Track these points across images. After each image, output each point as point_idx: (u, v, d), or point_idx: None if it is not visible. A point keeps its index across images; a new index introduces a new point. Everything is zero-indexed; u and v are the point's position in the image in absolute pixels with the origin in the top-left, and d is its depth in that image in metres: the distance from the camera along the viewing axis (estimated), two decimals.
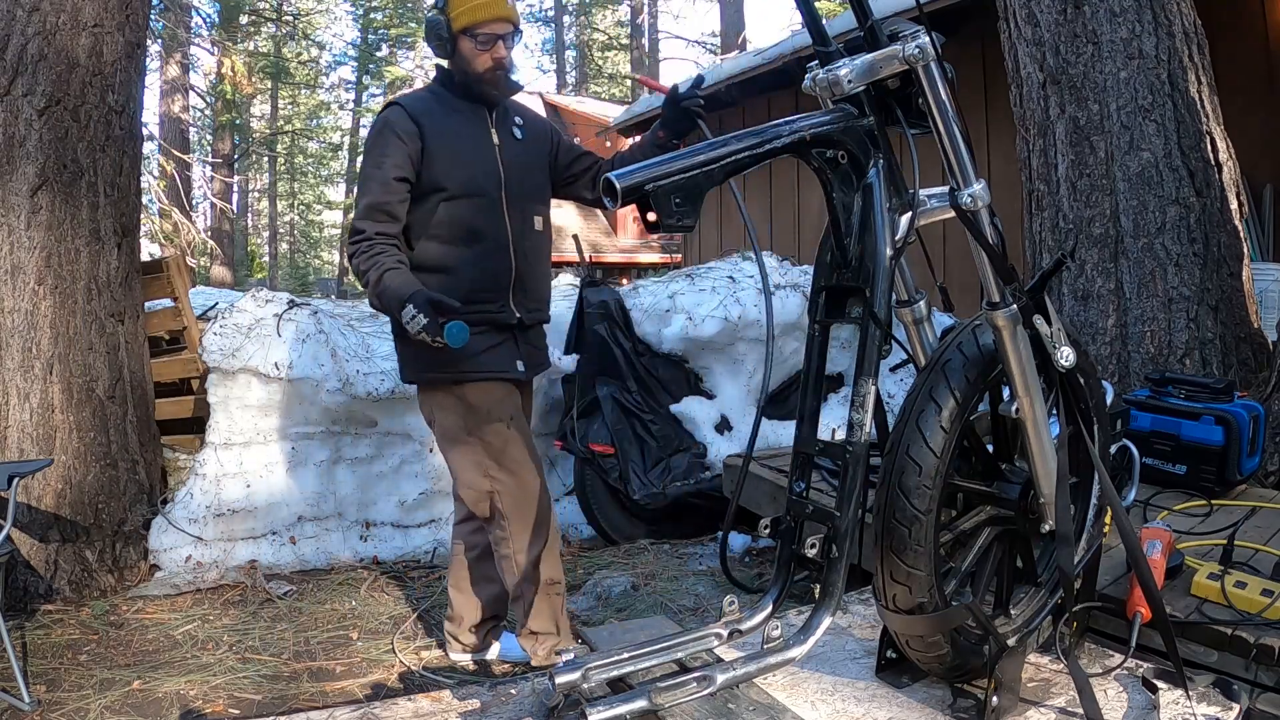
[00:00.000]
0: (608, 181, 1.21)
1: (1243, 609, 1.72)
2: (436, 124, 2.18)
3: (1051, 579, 1.66)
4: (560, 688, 1.33)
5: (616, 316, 4.11)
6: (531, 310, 2.29)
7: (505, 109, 2.31)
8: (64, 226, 3.06)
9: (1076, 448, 1.66)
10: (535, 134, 2.37)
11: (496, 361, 2.22)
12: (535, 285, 2.30)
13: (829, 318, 1.50)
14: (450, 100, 2.24)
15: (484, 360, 2.20)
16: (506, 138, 2.28)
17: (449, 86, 2.26)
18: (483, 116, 2.25)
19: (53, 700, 2.30)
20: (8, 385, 2.99)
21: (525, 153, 2.31)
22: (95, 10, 3.11)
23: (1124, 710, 1.51)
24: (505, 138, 2.27)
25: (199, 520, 3.32)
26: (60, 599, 2.97)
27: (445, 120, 2.20)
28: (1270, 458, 2.85)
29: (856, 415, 1.39)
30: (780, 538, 1.50)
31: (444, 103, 2.24)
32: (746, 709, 1.39)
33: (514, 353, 2.26)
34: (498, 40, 2.17)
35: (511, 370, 2.25)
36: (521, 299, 2.25)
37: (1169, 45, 3.38)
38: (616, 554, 3.51)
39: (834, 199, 1.45)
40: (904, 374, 4.30)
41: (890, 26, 1.41)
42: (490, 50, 2.17)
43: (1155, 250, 3.33)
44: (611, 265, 17.91)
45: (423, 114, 2.18)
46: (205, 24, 17.22)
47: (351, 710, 1.51)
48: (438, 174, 2.16)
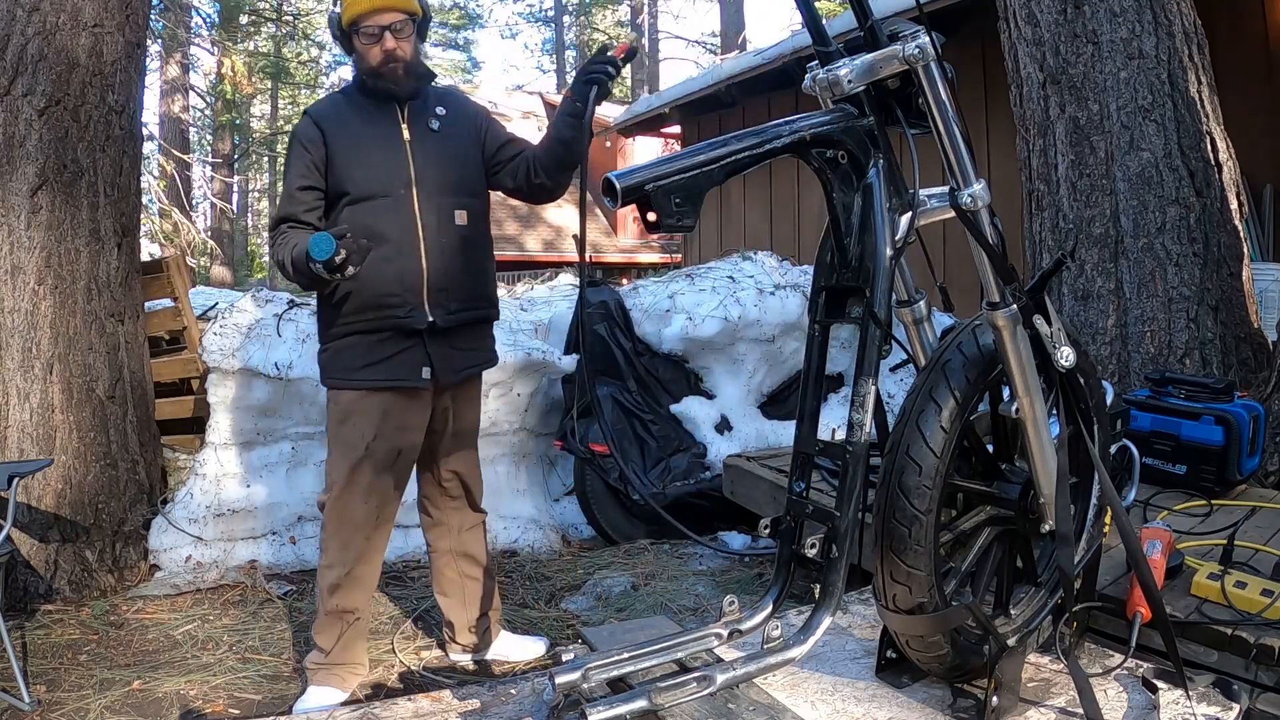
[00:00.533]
0: (608, 181, 1.21)
1: (1243, 609, 1.72)
2: (340, 127, 2.13)
3: (1051, 579, 1.66)
4: (560, 688, 1.33)
5: (616, 316, 4.11)
6: (456, 311, 2.18)
7: (424, 101, 2.21)
8: (64, 226, 3.06)
9: (1076, 448, 1.66)
10: (458, 123, 2.25)
11: (381, 373, 2.14)
12: (460, 284, 2.18)
13: (829, 318, 1.50)
14: (359, 99, 2.19)
15: (363, 373, 2.14)
16: (420, 131, 2.18)
17: (358, 85, 2.20)
18: (392, 112, 2.16)
19: (53, 700, 2.30)
20: (8, 385, 2.99)
21: (444, 145, 2.20)
22: (95, 10, 3.11)
23: (1124, 710, 1.51)
24: (419, 131, 2.17)
25: (199, 520, 3.32)
26: (60, 599, 2.97)
27: (350, 122, 2.15)
28: (1270, 458, 2.85)
29: (856, 415, 1.39)
30: (780, 538, 1.50)
31: (353, 103, 2.19)
32: (746, 709, 1.39)
33: (418, 359, 2.16)
34: (384, 31, 2.09)
35: (412, 379, 2.16)
36: (440, 299, 2.15)
37: (1169, 45, 3.38)
38: (616, 554, 3.50)
39: (834, 199, 1.45)
40: (904, 374, 4.30)
41: (890, 26, 1.41)
42: (379, 43, 2.09)
43: (1155, 250, 3.33)
44: (611, 265, 17.91)
45: (326, 118, 2.15)
46: (205, 24, 17.22)
47: (351, 710, 1.52)
48: (341, 177, 2.12)
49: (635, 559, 3.43)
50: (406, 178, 2.13)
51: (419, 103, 2.20)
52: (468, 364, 2.27)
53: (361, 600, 2.27)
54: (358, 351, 2.14)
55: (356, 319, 2.13)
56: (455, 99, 2.33)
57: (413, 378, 2.15)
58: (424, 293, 2.13)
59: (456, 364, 2.22)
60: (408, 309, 2.12)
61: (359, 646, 2.30)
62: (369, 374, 2.13)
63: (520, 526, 3.67)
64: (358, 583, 2.24)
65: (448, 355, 2.20)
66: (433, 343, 2.17)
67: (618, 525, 3.77)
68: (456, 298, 2.18)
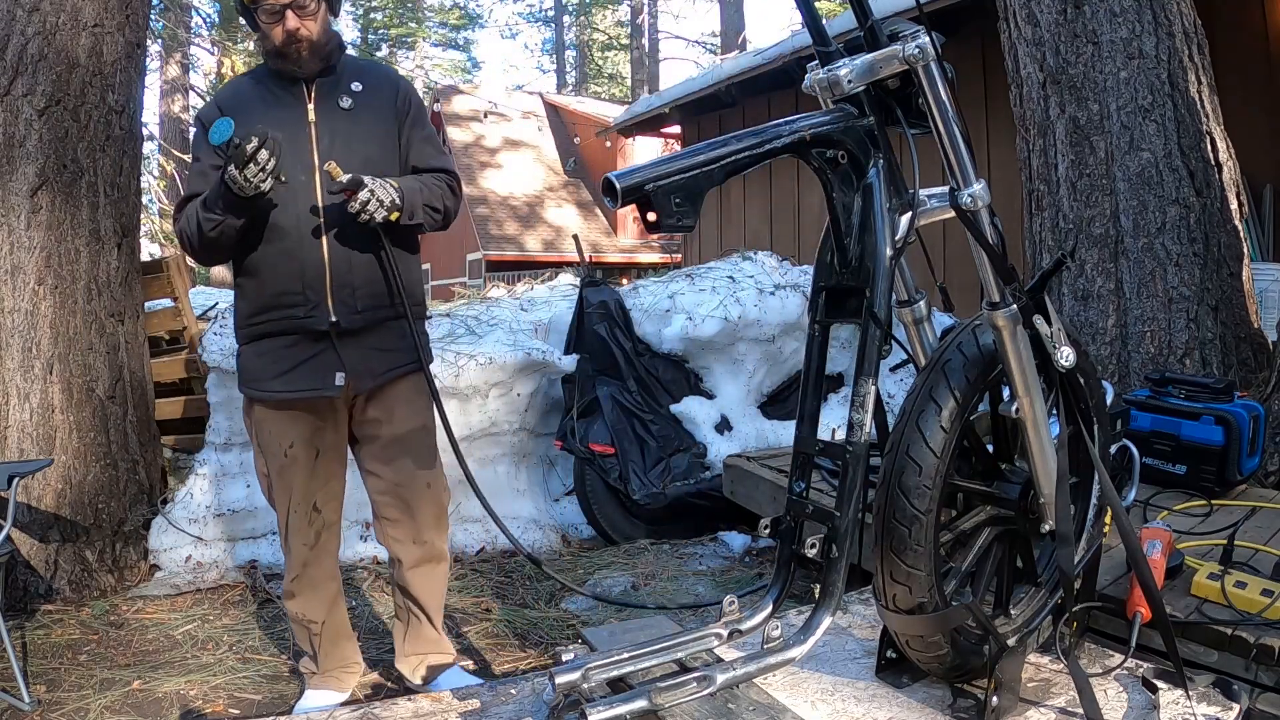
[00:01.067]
0: (608, 181, 1.21)
1: (1243, 609, 1.72)
2: (242, 112, 1.96)
3: (1051, 579, 1.66)
4: (560, 688, 1.33)
5: (616, 316, 4.11)
6: (363, 310, 2.00)
7: (336, 77, 2.03)
8: (64, 226, 3.06)
9: (1076, 448, 1.66)
10: (374, 100, 2.07)
11: (290, 383, 1.99)
12: (367, 279, 2.00)
13: (829, 318, 1.50)
14: (266, 80, 2.03)
15: (273, 385, 2.01)
16: (328, 110, 2.00)
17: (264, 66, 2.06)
18: (298, 92, 1.99)
19: (53, 700, 2.30)
20: (8, 385, 2.99)
21: (355, 124, 2.02)
22: (95, 10, 3.11)
23: (1124, 710, 1.51)
24: (326, 112, 2.00)
25: (199, 520, 3.32)
26: (60, 599, 2.97)
27: (253, 106, 1.98)
28: (1270, 458, 2.85)
29: (856, 415, 1.39)
30: (780, 538, 1.50)
31: (260, 85, 2.03)
32: (746, 709, 1.39)
33: (329, 364, 1.99)
34: (286, 10, 1.92)
35: (324, 387, 1.99)
36: (344, 297, 1.97)
37: (1169, 45, 3.38)
38: (616, 554, 3.50)
39: (834, 199, 1.45)
40: (904, 374, 4.30)
41: (890, 26, 1.41)
42: (281, 23, 1.93)
43: (1155, 250, 3.33)
44: (611, 265, 17.91)
45: (228, 101, 2.02)
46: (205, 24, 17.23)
47: (351, 710, 1.52)
48: None
49: (635, 559, 3.42)
50: (308, 163, 1.95)
51: (330, 80, 2.02)
52: (388, 366, 2.07)
53: (318, 608, 2.16)
54: (267, 359, 2.01)
55: (262, 319, 2.00)
56: (375, 73, 2.15)
57: (325, 385, 2.00)
58: (326, 290, 1.96)
59: (374, 367, 2.05)
60: (309, 307, 1.96)
61: (346, 647, 2.24)
62: (278, 386, 2.00)
63: (520, 526, 3.67)
64: (311, 587, 2.14)
65: (363, 358, 2.03)
66: (344, 345, 2.00)
67: (618, 525, 3.78)
68: (364, 295, 2.00)
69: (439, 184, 2.09)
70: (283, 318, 1.97)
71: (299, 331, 1.98)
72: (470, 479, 2.19)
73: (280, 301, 1.97)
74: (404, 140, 2.10)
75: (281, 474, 2.08)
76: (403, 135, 2.09)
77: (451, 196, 2.13)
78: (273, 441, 2.06)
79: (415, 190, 2.00)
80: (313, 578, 2.15)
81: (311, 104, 1.99)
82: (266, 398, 2.03)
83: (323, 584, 2.17)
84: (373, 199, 1.88)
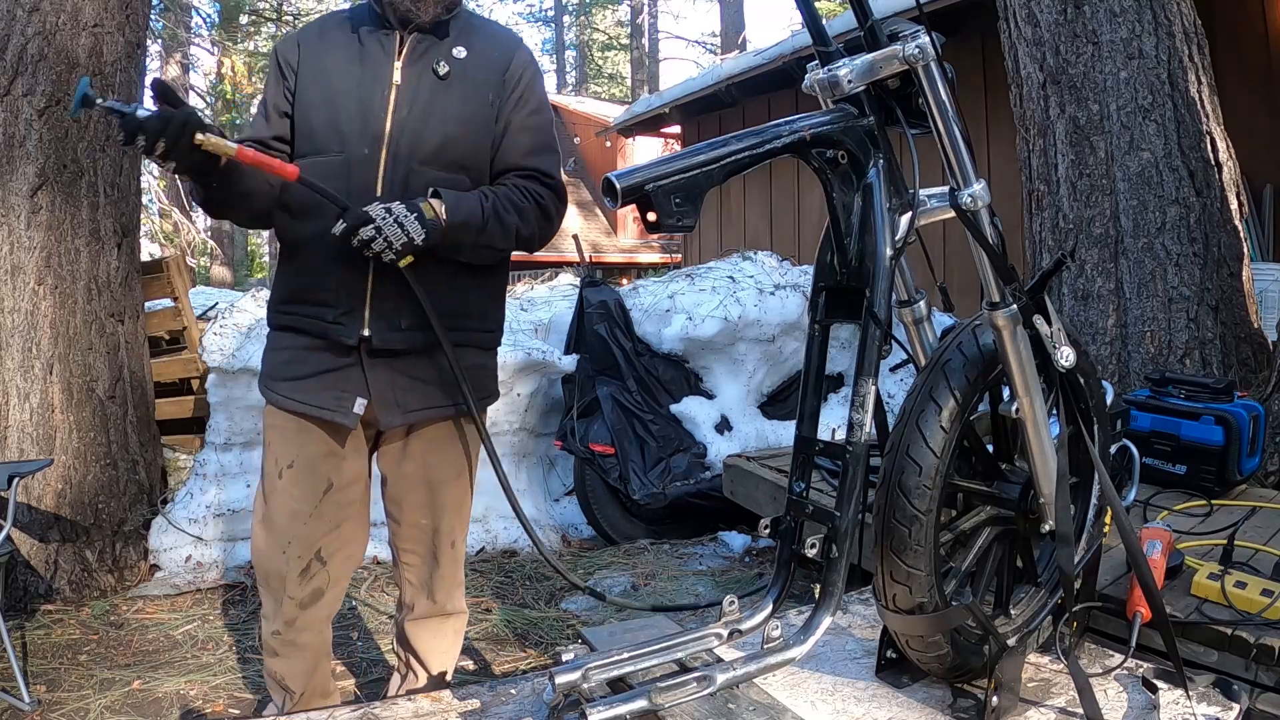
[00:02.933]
0: (608, 181, 1.21)
1: (1243, 609, 1.72)
2: (318, 53, 1.64)
3: (1051, 579, 1.66)
4: (560, 688, 1.33)
5: (616, 316, 4.11)
6: (406, 329, 1.60)
7: (440, 36, 1.64)
8: (64, 226, 3.06)
9: (1076, 448, 1.66)
10: (477, 69, 1.66)
11: (300, 392, 1.63)
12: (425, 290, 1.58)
13: (829, 318, 1.50)
14: (361, 21, 1.66)
15: (284, 387, 1.65)
16: (418, 75, 1.62)
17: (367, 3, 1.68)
18: (390, 46, 1.62)
19: (53, 700, 2.30)
20: (8, 385, 2.99)
21: (448, 97, 1.62)
22: (95, 10, 3.11)
23: (1124, 710, 1.51)
24: (416, 75, 1.62)
25: (199, 520, 3.32)
26: (60, 599, 2.97)
27: (332, 48, 1.65)
28: (1270, 458, 2.85)
29: (856, 415, 1.38)
30: (780, 538, 1.49)
31: (349, 26, 1.67)
32: (746, 709, 1.39)
33: (350, 385, 1.61)
34: None
35: (336, 411, 1.61)
36: (384, 310, 1.59)
37: (1169, 45, 3.38)
38: (616, 554, 3.50)
39: (834, 199, 1.45)
40: (904, 374, 4.30)
41: (890, 26, 1.41)
42: None
43: (1155, 250, 3.33)
44: (611, 265, 17.91)
45: (310, 40, 1.66)
46: (205, 24, 17.23)
47: (351, 710, 1.51)
48: (298, 119, 1.64)
49: (635, 559, 3.42)
50: (377, 133, 1.59)
51: (430, 38, 1.63)
52: (425, 403, 1.66)
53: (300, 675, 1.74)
54: (286, 356, 1.66)
55: (290, 311, 1.66)
56: (489, 36, 1.72)
57: (339, 410, 1.62)
58: (366, 295, 1.59)
59: (407, 400, 1.64)
60: (338, 312, 1.59)
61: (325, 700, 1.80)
62: (288, 391, 1.64)
63: (520, 526, 3.67)
64: (296, 650, 1.73)
65: (394, 386, 1.63)
66: (373, 366, 1.62)
67: (618, 525, 3.78)
68: (410, 311, 1.59)
69: (525, 194, 1.66)
70: (309, 315, 1.62)
71: (324, 336, 1.62)
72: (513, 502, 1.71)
73: (309, 296, 1.62)
74: (501, 124, 1.68)
75: (272, 497, 1.68)
76: (501, 118, 1.67)
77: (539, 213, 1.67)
78: (270, 455, 1.69)
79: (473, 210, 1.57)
80: (300, 641, 1.72)
81: (400, 62, 1.62)
82: (275, 399, 1.67)
83: (311, 646, 1.75)
84: (378, 238, 1.48)
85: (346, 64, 1.63)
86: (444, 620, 1.84)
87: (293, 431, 1.66)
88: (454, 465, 1.75)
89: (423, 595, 1.81)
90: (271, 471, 1.69)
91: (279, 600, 1.70)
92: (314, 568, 1.68)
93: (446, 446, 1.73)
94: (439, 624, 1.83)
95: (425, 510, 1.75)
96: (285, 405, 1.65)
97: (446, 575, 1.80)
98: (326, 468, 1.67)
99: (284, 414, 1.66)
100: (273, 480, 1.68)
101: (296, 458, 1.67)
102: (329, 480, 1.68)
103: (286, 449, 1.67)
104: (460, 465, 1.76)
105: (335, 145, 1.60)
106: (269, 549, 1.69)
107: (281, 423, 1.68)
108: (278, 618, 1.71)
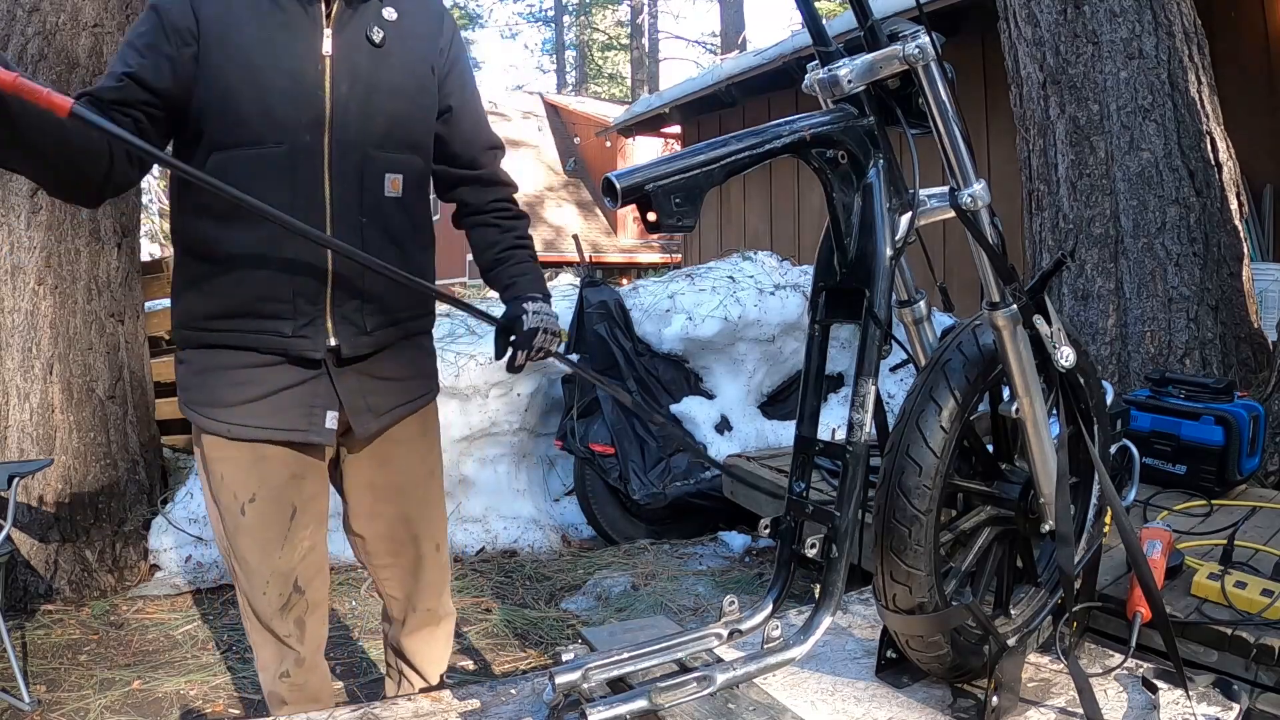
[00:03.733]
0: (608, 181, 1.21)
1: (1243, 609, 1.72)
2: (223, 18, 1.35)
3: (1051, 579, 1.66)
4: (560, 688, 1.33)
5: (616, 316, 4.12)
6: (375, 330, 1.47)
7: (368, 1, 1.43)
8: (64, 226, 3.06)
9: (1076, 448, 1.66)
10: (411, 34, 1.48)
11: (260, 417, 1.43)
12: (385, 288, 1.45)
13: (829, 318, 1.50)
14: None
15: (235, 414, 1.43)
16: (351, 43, 1.40)
17: None
18: (314, 12, 1.39)
19: (53, 700, 2.30)
20: (8, 385, 2.99)
21: (387, 67, 1.44)
22: (95, 10, 3.11)
23: (1124, 710, 1.51)
24: (348, 43, 1.40)
25: (199, 520, 3.32)
26: (60, 599, 2.98)
27: (240, 11, 1.36)
28: (1270, 458, 2.85)
29: (856, 415, 1.38)
30: (780, 538, 1.49)
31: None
32: (746, 709, 1.39)
33: (318, 399, 1.45)
34: None
35: (309, 430, 1.45)
36: (349, 313, 1.44)
37: (1169, 45, 3.38)
38: (616, 554, 3.50)
39: (834, 199, 1.45)
40: (904, 374, 4.30)
41: (890, 26, 1.41)
42: None
43: (1155, 250, 3.33)
44: (611, 265, 17.92)
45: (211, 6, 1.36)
46: None
47: (351, 710, 1.51)
48: (206, 105, 1.35)
49: (635, 559, 3.42)
50: (316, 116, 1.37)
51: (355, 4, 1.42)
52: (397, 400, 1.55)
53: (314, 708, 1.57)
54: (224, 381, 1.43)
55: (226, 328, 1.42)
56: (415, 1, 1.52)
57: (311, 428, 1.45)
58: (326, 302, 1.42)
59: (379, 402, 1.52)
60: (299, 324, 1.41)
61: None
62: (240, 417, 1.43)
63: (520, 526, 3.67)
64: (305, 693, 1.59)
65: (365, 391, 1.49)
66: (342, 376, 1.47)
67: (618, 525, 3.78)
68: (378, 310, 1.46)
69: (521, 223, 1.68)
70: (258, 331, 1.40)
71: (281, 353, 1.42)
72: None
73: (258, 309, 1.39)
74: (443, 93, 1.54)
75: (238, 537, 1.49)
76: (443, 96, 1.55)
77: None
78: (225, 491, 1.47)
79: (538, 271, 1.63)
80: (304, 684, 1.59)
81: (329, 30, 1.39)
82: (220, 429, 1.44)
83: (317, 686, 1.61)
84: (546, 336, 1.44)
85: (262, 32, 1.36)
86: (434, 628, 1.76)
87: (248, 462, 1.46)
88: (425, 464, 1.65)
89: (410, 607, 1.70)
90: (231, 507, 1.48)
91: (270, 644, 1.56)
92: (293, 599, 1.54)
93: (417, 444, 1.63)
94: (430, 633, 1.76)
95: (401, 521, 1.63)
96: (239, 434, 1.44)
97: (435, 581, 1.70)
98: (290, 493, 1.50)
99: (234, 444, 1.45)
100: (234, 518, 1.48)
101: (258, 491, 1.47)
102: (293, 505, 1.50)
103: (245, 482, 1.47)
104: (431, 463, 1.67)
105: (272, 134, 1.35)
106: (250, 591, 1.52)
107: (233, 454, 1.46)
108: (275, 662, 1.57)
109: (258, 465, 1.46)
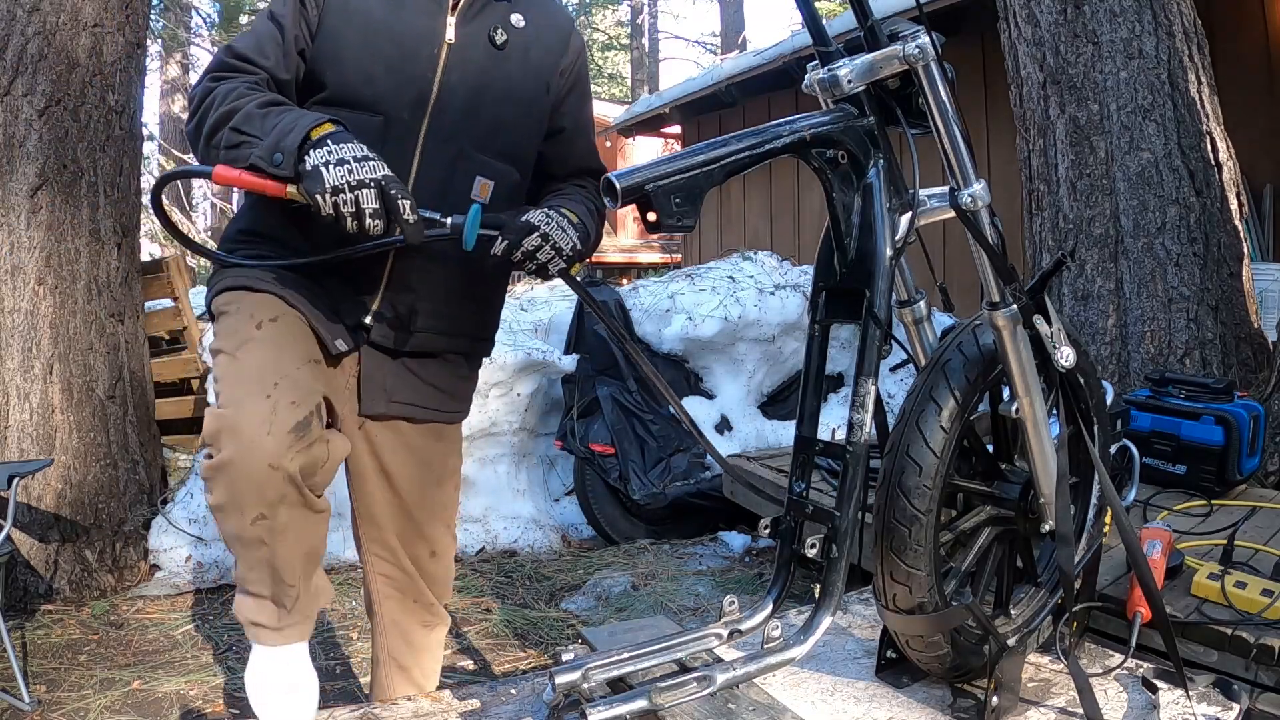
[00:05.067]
0: (608, 181, 1.21)
1: (1243, 609, 1.72)
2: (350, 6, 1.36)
3: (1051, 579, 1.66)
4: (560, 688, 1.33)
5: (616, 316, 4.12)
6: (416, 330, 1.44)
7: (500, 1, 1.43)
8: (64, 226, 3.06)
9: (1076, 448, 1.66)
10: (537, 44, 1.46)
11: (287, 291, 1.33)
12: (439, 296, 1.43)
13: (829, 318, 1.50)
14: None
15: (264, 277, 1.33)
16: (472, 37, 1.39)
17: None
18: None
19: (53, 700, 2.30)
20: (8, 385, 2.99)
21: (502, 70, 1.42)
22: (95, 10, 3.11)
23: (1124, 710, 1.51)
24: (469, 37, 1.39)
25: (199, 520, 3.32)
26: (60, 599, 2.97)
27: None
28: (1270, 458, 2.85)
29: (856, 415, 1.38)
30: (780, 538, 1.49)
31: None
32: (746, 709, 1.39)
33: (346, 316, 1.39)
34: None
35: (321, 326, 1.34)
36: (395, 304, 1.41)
37: (1169, 45, 3.38)
38: (616, 554, 3.50)
39: (834, 199, 1.45)
40: (904, 374, 4.30)
41: (890, 26, 1.41)
42: None
43: (1155, 250, 3.33)
44: (611, 265, 17.91)
45: None
46: (205, 24, 17.22)
47: (351, 710, 1.51)
48: (322, 61, 1.35)
49: (635, 559, 3.42)
50: (419, 95, 1.36)
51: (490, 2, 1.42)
52: (417, 400, 1.49)
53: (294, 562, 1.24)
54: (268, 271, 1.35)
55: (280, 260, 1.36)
56: (548, 9, 1.51)
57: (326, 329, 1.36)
58: (382, 281, 1.40)
59: (396, 388, 1.46)
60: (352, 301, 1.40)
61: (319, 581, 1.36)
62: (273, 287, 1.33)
63: (520, 526, 3.67)
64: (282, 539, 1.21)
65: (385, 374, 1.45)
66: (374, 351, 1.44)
67: (618, 525, 3.78)
68: (423, 314, 1.44)
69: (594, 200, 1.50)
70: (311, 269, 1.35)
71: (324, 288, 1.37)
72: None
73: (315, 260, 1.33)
74: (556, 114, 1.50)
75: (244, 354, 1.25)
76: (561, 114, 1.51)
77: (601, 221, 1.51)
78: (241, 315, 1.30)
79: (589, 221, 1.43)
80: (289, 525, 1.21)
81: (453, 19, 1.38)
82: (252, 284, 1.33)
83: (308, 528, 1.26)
84: (545, 246, 1.29)
85: (388, 8, 1.36)
86: (429, 631, 1.71)
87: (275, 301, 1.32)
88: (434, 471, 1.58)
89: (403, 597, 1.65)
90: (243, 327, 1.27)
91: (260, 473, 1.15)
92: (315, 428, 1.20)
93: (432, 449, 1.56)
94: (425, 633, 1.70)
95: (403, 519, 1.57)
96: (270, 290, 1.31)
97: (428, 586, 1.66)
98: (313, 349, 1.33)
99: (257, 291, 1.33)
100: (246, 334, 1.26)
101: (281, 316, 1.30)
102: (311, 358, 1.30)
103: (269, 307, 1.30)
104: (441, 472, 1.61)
105: (371, 102, 1.33)
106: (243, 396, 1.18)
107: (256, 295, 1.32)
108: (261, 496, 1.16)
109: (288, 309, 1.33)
